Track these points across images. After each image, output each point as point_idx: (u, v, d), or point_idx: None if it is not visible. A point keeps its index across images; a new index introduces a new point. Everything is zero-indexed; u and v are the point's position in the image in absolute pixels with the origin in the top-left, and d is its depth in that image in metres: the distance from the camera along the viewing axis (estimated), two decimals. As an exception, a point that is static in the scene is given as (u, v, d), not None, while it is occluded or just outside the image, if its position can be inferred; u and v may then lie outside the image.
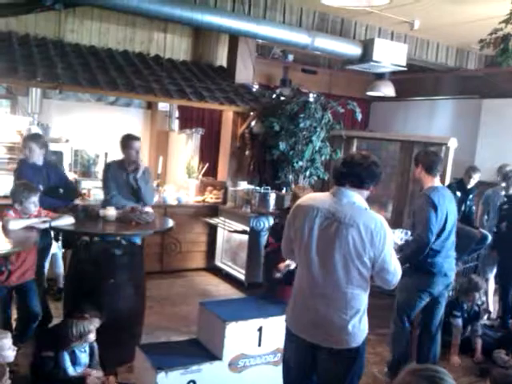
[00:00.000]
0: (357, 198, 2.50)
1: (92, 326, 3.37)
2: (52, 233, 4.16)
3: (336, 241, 2.42)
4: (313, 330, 2.52)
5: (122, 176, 4.67)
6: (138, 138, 4.75)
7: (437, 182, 3.81)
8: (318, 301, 2.50)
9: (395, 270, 2.51)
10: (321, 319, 2.49)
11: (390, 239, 2.49)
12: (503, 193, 5.51)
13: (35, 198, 3.64)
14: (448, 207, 3.72)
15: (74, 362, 3.37)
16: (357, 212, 2.45)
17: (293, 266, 3.76)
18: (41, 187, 4.23)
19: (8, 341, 2.84)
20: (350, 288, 2.45)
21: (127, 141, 4.67)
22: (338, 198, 2.50)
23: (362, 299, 2.50)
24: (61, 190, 4.39)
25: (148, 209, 4.63)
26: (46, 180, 4.38)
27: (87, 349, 3.44)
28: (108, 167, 4.80)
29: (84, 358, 3.42)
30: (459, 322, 4.55)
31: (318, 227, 2.47)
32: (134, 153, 4.65)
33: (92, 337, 3.39)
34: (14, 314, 3.92)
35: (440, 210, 3.64)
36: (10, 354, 2.84)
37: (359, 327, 2.49)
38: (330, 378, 2.55)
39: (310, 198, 2.66)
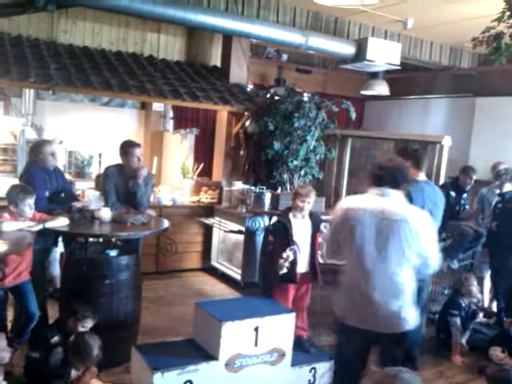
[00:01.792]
0: (398, 196, 2.82)
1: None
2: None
3: (390, 237, 2.70)
4: (371, 320, 2.78)
5: (123, 182, 4.58)
6: (138, 145, 4.67)
7: (422, 176, 4.03)
8: (374, 292, 2.75)
9: (436, 255, 2.83)
10: (379, 309, 2.75)
11: (432, 229, 2.82)
12: (498, 191, 5.53)
13: (31, 201, 3.61)
14: (426, 200, 3.90)
15: (67, 361, 3.34)
16: (404, 209, 2.78)
17: (291, 257, 3.78)
18: (47, 193, 4.23)
19: (2, 342, 2.83)
20: (402, 278, 2.75)
21: (128, 148, 4.55)
22: (383, 198, 2.80)
23: (411, 286, 2.80)
24: (62, 195, 4.37)
25: (149, 211, 4.61)
26: (55, 185, 4.38)
27: None
28: (107, 174, 4.64)
29: None
30: (457, 320, 4.55)
31: (370, 226, 2.73)
32: (136, 160, 4.55)
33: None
34: (10, 316, 3.90)
35: (414, 203, 3.73)
36: (5, 355, 2.84)
37: (411, 311, 2.79)
38: (393, 360, 2.76)
39: (355, 200, 2.91)
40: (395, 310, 2.75)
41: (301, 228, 4.01)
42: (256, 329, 3.46)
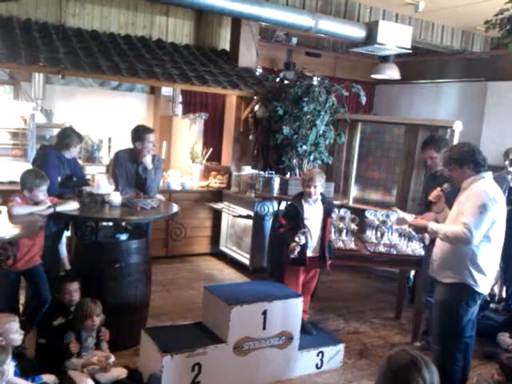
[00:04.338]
0: None
1: (97, 309, 3.40)
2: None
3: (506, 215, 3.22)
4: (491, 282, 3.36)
5: (132, 167, 4.60)
6: (152, 130, 4.68)
7: None
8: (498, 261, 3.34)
9: None
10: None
11: None
12: (510, 177, 5.48)
13: (45, 187, 3.62)
14: None
15: (80, 343, 3.38)
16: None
17: (303, 241, 3.79)
18: (59, 179, 4.25)
19: (15, 324, 2.88)
20: None
21: (143, 134, 4.54)
22: (493, 182, 3.21)
23: None
24: (74, 179, 4.40)
25: (159, 196, 4.64)
26: (67, 170, 4.40)
27: (94, 334, 3.46)
28: (117, 159, 4.67)
29: (90, 342, 3.43)
30: None
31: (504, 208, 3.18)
32: (151, 145, 4.57)
33: (95, 322, 3.41)
34: (22, 299, 3.96)
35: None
36: (18, 337, 2.88)
37: None
38: None
39: (494, 186, 3.17)
40: None
41: (312, 213, 4.02)
42: (264, 312, 3.49)
